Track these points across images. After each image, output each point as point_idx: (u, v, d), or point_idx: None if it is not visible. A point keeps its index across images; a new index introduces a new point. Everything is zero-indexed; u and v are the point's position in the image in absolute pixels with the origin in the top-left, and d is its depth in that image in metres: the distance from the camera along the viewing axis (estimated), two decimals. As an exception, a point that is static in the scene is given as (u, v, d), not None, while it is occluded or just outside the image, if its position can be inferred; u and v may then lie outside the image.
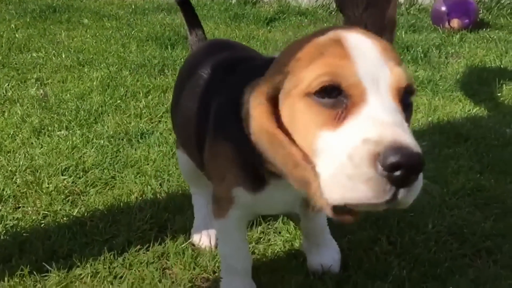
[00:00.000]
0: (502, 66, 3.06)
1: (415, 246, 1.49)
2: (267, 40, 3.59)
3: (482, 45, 3.51)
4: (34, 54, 3.28)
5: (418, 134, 2.17)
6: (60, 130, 2.25)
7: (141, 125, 2.29)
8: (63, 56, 3.22)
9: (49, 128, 2.26)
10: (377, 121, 0.77)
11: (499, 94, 2.65)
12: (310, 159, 0.83)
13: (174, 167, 1.92)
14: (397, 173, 0.73)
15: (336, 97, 0.80)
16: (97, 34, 3.76)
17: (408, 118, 0.85)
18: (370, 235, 1.53)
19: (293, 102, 0.85)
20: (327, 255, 1.42)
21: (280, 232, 1.58)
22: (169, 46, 3.41)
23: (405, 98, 0.84)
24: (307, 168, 0.82)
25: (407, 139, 0.75)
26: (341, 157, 0.76)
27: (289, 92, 0.86)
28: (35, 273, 1.37)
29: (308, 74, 0.82)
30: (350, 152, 0.76)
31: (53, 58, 3.19)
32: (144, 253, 1.49)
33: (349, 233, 1.55)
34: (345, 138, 0.78)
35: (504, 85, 2.76)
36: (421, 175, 0.77)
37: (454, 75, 2.91)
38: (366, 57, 0.82)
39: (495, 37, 3.64)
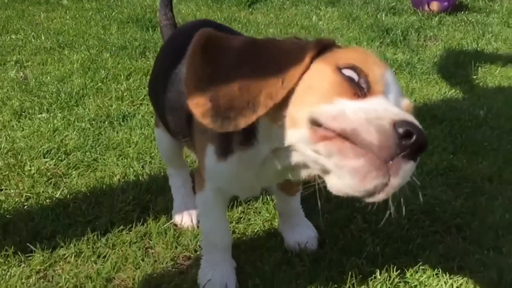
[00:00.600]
0: (478, 49, 3.13)
1: (389, 224, 1.54)
2: (248, 22, 3.60)
3: (460, 28, 3.57)
4: (13, 36, 3.24)
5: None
6: (41, 113, 2.25)
7: (122, 107, 2.30)
8: (43, 38, 3.19)
9: (30, 111, 2.26)
10: (394, 108, 0.83)
11: (474, 77, 2.72)
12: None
13: (156, 149, 1.95)
14: (407, 141, 0.78)
15: (359, 81, 0.87)
16: (77, 15, 3.72)
17: None
18: (347, 214, 1.59)
19: (323, 68, 0.90)
20: (303, 233, 1.48)
21: (260, 212, 1.63)
22: (150, 28, 3.40)
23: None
24: None
25: (420, 127, 0.81)
26: (364, 107, 0.82)
27: (325, 59, 0.91)
28: (19, 253, 1.40)
29: (348, 55, 0.90)
30: (375, 109, 0.81)
31: (33, 40, 3.16)
32: (127, 233, 1.52)
33: (327, 212, 1.61)
34: (367, 106, 0.83)
35: (479, 67, 2.83)
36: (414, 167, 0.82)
37: (431, 58, 2.97)
38: (394, 82, 0.90)
39: (472, 19, 3.70)
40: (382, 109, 0.81)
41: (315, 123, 0.85)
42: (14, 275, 1.34)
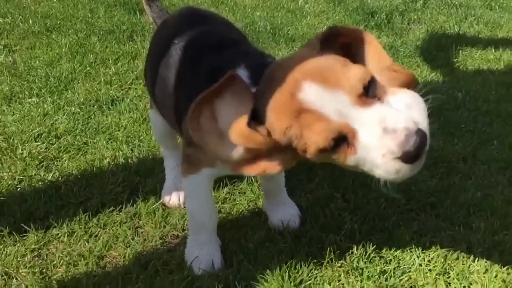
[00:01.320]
0: (460, 32, 3.20)
1: (367, 203, 1.63)
2: (235, 5, 3.62)
3: (444, 10, 3.62)
4: (0, 20, 3.24)
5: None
6: (31, 97, 2.29)
7: (111, 92, 2.34)
8: (30, 22, 3.19)
9: (20, 96, 2.30)
10: (379, 135, 0.93)
11: (455, 60, 2.79)
12: None
13: (144, 133, 2.01)
14: (414, 157, 0.93)
15: (341, 140, 0.96)
16: (64, -2, 3.72)
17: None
18: (327, 193, 1.67)
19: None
20: (286, 212, 1.56)
21: (245, 193, 1.71)
22: (137, 12, 3.41)
23: (370, 88, 0.96)
24: None
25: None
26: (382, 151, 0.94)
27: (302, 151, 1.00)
28: (14, 233, 1.47)
29: (314, 139, 0.96)
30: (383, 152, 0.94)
31: (20, 24, 3.17)
32: (117, 213, 1.59)
33: (308, 192, 1.69)
34: (367, 154, 0.96)
35: (461, 50, 2.90)
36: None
37: (414, 41, 3.03)
38: (321, 90, 0.95)
39: (456, 2, 3.76)
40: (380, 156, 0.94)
41: None
42: (10, 253, 1.41)
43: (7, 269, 1.36)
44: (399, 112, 0.94)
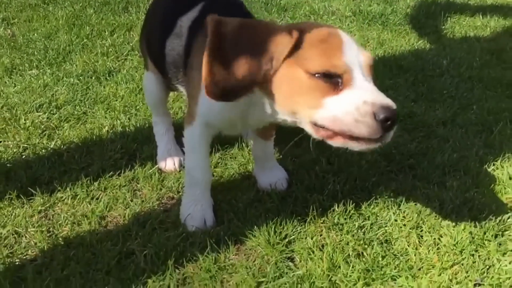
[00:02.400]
0: (450, -1, 3.25)
1: (350, 165, 1.74)
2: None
3: (436, -23, 3.66)
4: (-3, -7, 3.30)
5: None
6: (31, 69, 2.38)
7: (108, 63, 2.43)
8: (27, -6, 3.25)
9: (20, 68, 2.39)
10: (366, 91, 1.13)
11: (443, 27, 2.86)
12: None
13: (141, 102, 2.11)
14: (386, 123, 1.10)
15: (333, 78, 1.14)
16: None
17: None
18: (313, 157, 1.78)
19: (297, 73, 1.16)
20: (275, 175, 1.67)
21: (235, 157, 1.82)
22: (132, -17, 3.45)
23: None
24: None
25: (388, 101, 1.12)
26: (349, 108, 1.12)
27: (296, 62, 1.16)
28: (21, 196, 1.59)
29: (315, 57, 1.15)
30: (357, 107, 1.11)
31: (17, -4, 3.23)
32: (116, 178, 1.71)
33: (295, 157, 1.80)
34: (348, 99, 1.13)
35: (449, 18, 2.97)
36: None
37: (404, 8, 3.09)
38: (352, 48, 1.17)
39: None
40: (361, 103, 1.11)
41: (315, 124, 1.17)
42: (19, 215, 1.53)
43: (16, 229, 1.48)
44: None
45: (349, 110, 1.12)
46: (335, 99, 1.14)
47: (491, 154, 1.77)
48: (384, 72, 2.35)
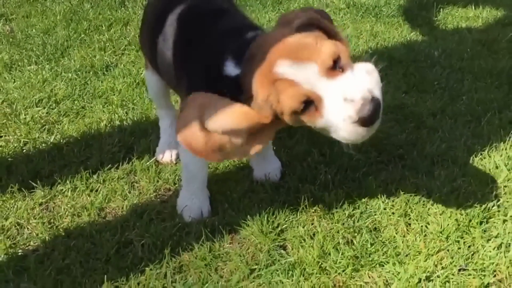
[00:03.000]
0: (443, -11, 3.28)
1: (342, 156, 1.79)
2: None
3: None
4: (-5, -12, 3.33)
5: (356, 60, 2.43)
6: (30, 65, 2.43)
7: (105, 58, 2.47)
8: (24, -11, 3.28)
9: (20, 63, 2.43)
10: (337, 104, 1.12)
11: (435, 18, 2.89)
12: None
13: (138, 96, 2.16)
14: (369, 121, 1.12)
15: (308, 106, 1.15)
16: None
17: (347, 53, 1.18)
18: (305, 149, 1.83)
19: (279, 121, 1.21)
20: (269, 166, 1.72)
21: (230, 149, 1.87)
22: (128, -23, 3.48)
23: (337, 63, 1.13)
24: None
25: (363, 93, 1.10)
26: (339, 125, 1.14)
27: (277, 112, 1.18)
28: (23, 189, 1.64)
29: (279, 104, 1.15)
30: (343, 119, 1.13)
31: (15, -8, 3.26)
32: (115, 170, 1.76)
33: (288, 148, 1.85)
34: (332, 118, 1.14)
35: (442, 9, 3.00)
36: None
37: (398, 0, 3.12)
38: (301, 65, 1.12)
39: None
40: (346, 117, 1.11)
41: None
42: (20, 207, 1.59)
43: (18, 220, 1.54)
44: (358, 83, 1.12)
45: (341, 127, 1.14)
46: (324, 119, 1.16)
47: (479, 144, 1.82)
48: (376, 64, 2.38)
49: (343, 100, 1.11)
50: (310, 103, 1.14)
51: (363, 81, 1.13)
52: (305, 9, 1.28)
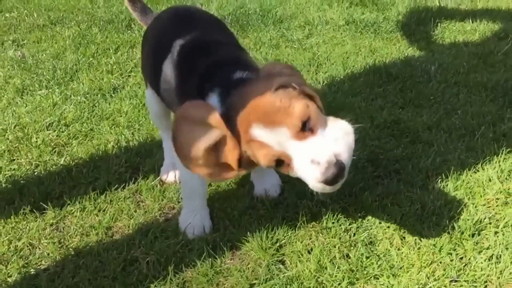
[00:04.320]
0: (441, 4, 3.35)
1: (339, 172, 1.85)
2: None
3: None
4: (7, 15, 3.46)
5: (354, 76, 2.51)
6: (41, 89, 2.53)
7: (112, 80, 2.57)
8: (35, 15, 3.42)
9: (31, 88, 2.54)
10: (308, 164, 1.21)
11: (432, 33, 2.96)
12: None
13: (143, 117, 2.25)
14: (333, 181, 1.21)
15: (282, 162, 1.26)
16: (65, -11, 3.92)
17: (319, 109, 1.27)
18: (304, 165, 1.89)
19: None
20: (269, 182, 1.79)
21: (232, 167, 1.94)
22: (134, 0, 3.60)
23: (307, 124, 1.22)
24: None
25: (327, 157, 1.19)
26: (311, 182, 1.24)
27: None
28: (34, 211, 1.73)
29: (261, 160, 1.25)
30: (314, 179, 1.22)
31: (26, 18, 3.40)
32: (121, 190, 1.84)
33: (287, 165, 1.91)
34: (301, 174, 1.25)
35: (439, 23, 3.07)
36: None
37: (396, 16, 3.20)
38: (273, 128, 1.21)
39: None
40: (316, 179, 1.20)
41: None
42: (32, 228, 1.67)
43: (31, 241, 1.62)
44: (325, 146, 1.21)
45: (309, 183, 1.24)
46: (296, 174, 1.26)
47: (473, 157, 1.88)
48: (374, 79, 2.46)
49: (311, 161, 1.20)
50: (282, 161, 1.26)
51: (330, 145, 1.22)
52: (287, 66, 1.40)
